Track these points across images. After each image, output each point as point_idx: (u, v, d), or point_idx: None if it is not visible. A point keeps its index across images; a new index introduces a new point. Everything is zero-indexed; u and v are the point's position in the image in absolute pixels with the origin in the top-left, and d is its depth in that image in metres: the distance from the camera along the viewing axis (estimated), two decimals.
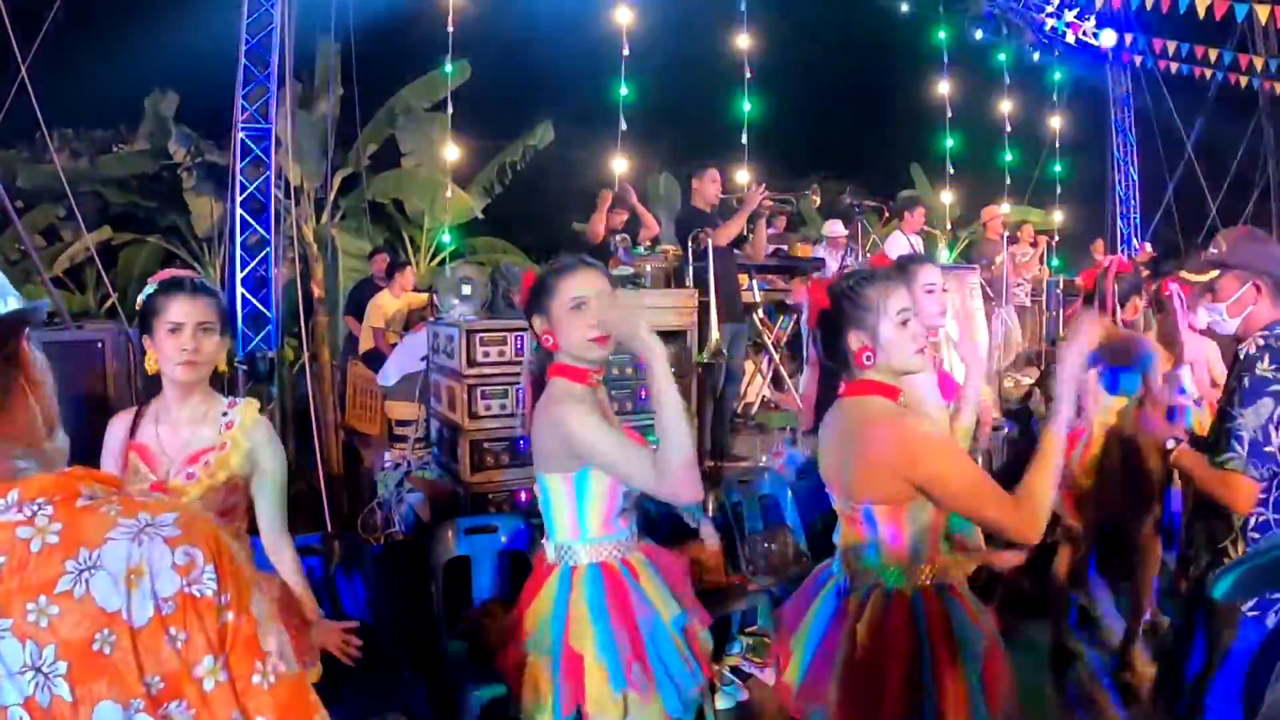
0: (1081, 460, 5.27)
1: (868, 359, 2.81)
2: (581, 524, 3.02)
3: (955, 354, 5.40)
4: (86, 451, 3.06)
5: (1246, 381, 3.24)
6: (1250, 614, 2.99)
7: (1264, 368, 3.21)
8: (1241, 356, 3.34)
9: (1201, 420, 5.23)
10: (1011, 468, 7.86)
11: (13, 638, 1.32)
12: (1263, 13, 12.09)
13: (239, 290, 8.47)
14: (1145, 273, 6.44)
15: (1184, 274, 3.65)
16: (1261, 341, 3.28)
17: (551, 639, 2.97)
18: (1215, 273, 3.49)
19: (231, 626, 1.40)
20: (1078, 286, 6.45)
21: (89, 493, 1.42)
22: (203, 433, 3.09)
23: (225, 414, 3.12)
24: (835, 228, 11.90)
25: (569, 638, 2.94)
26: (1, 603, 1.32)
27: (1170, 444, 3.57)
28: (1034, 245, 13.15)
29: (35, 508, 1.37)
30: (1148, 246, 14.93)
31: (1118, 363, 5.15)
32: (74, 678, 1.31)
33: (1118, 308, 5.41)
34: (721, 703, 5.25)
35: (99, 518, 1.38)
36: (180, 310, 3.01)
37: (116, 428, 3.15)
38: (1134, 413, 5.03)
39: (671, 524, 3.72)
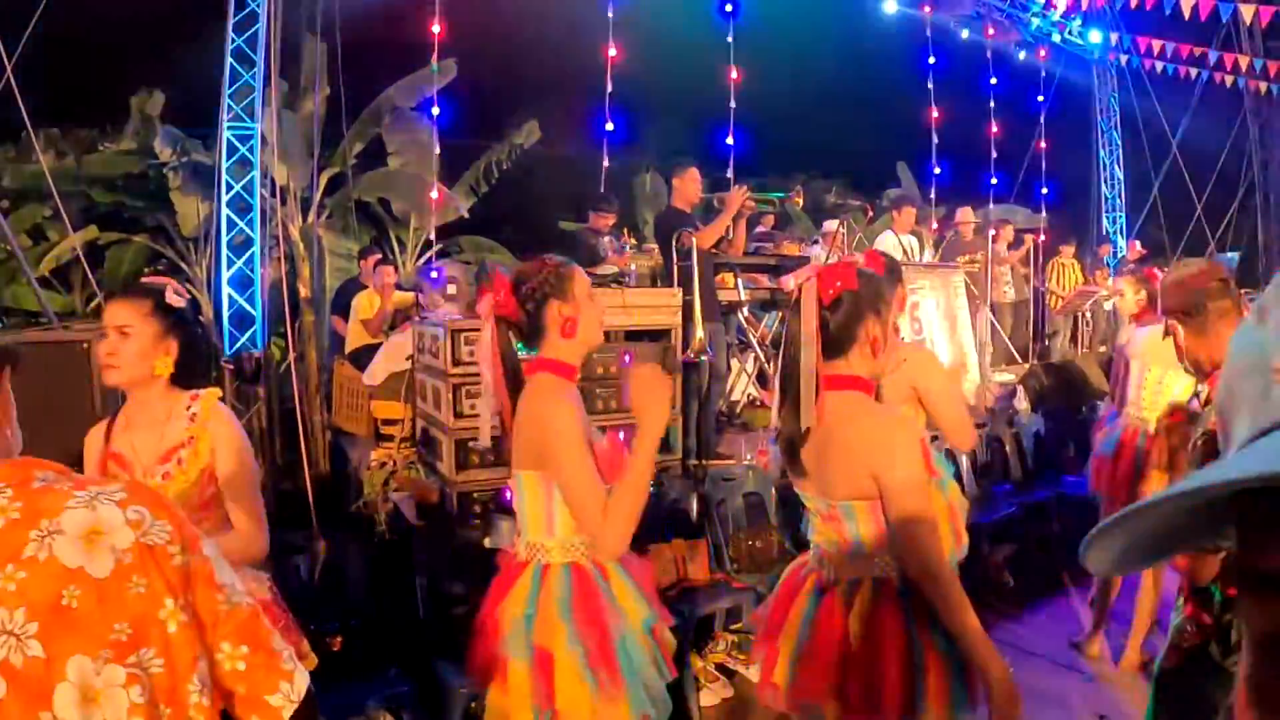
0: None
1: (878, 349, 2.82)
2: (555, 523, 3.02)
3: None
4: (70, 448, 3.07)
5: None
6: None
7: None
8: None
9: None
10: (999, 465, 7.90)
11: None
12: (1247, 12, 12.13)
13: (225, 290, 8.47)
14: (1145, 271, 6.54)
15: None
16: None
17: (524, 639, 2.97)
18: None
19: (190, 567, 1.54)
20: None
21: (42, 476, 1.53)
22: (171, 431, 3.09)
23: (189, 407, 3.12)
24: (831, 225, 11.98)
25: (536, 636, 2.94)
26: None
27: None
28: (1012, 246, 13.20)
29: None
30: (1138, 244, 14.97)
31: None
32: (44, 635, 1.40)
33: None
34: (706, 700, 5.27)
35: (55, 494, 1.50)
36: (105, 316, 3.08)
37: (93, 439, 3.18)
38: None
39: (659, 522, 3.74)
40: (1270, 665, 0.64)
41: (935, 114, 14.63)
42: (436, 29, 9.91)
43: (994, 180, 15.78)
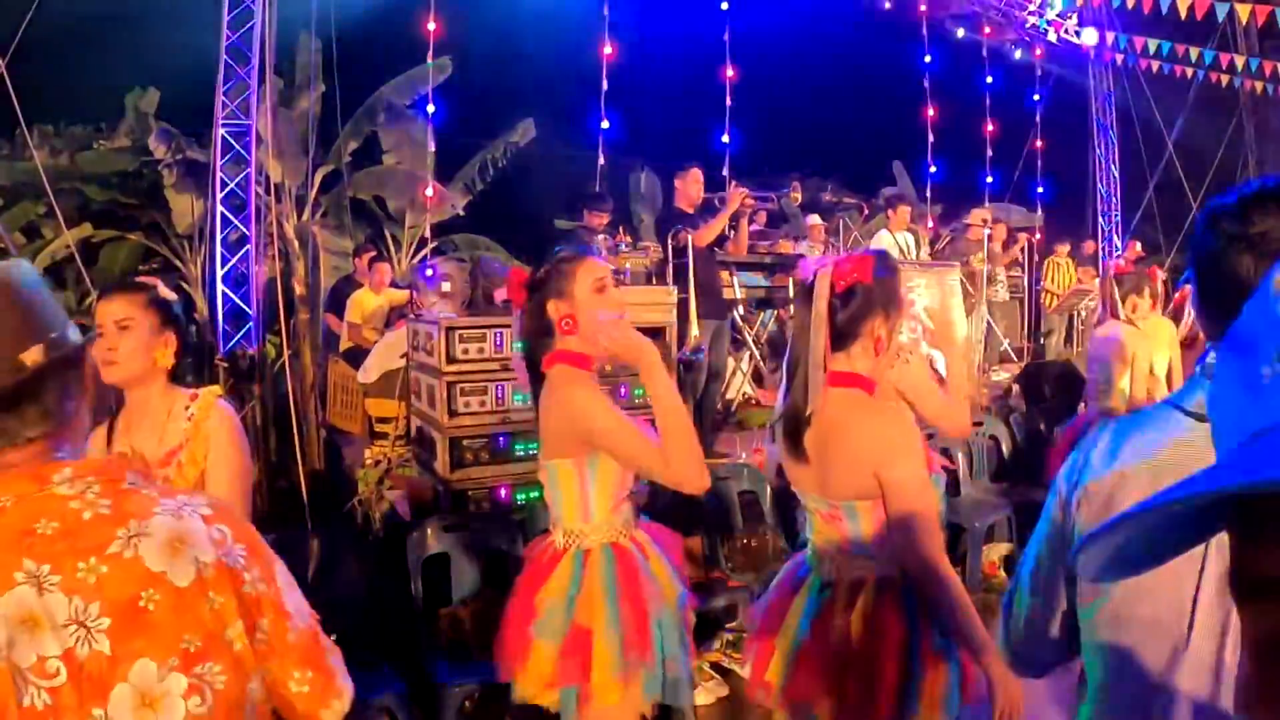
0: None
1: (881, 348, 2.80)
2: (591, 508, 3.03)
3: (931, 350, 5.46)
4: None
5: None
6: None
7: None
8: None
9: None
10: (994, 464, 7.90)
11: (60, 593, 1.44)
12: (1243, 11, 12.15)
13: (220, 288, 8.45)
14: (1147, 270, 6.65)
15: None
16: None
17: (563, 619, 2.96)
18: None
19: (260, 594, 1.60)
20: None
21: (131, 478, 1.60)
22: (171, 432, 3.05)
23: (188, 407, 3.08)
24: (812, 219, 11.99)
25: (577, 615, 2.94)
26: (52, 562, 1.45)
27: None
28: (1006, 246, 13.23)
29: (85, 485, 1.53)
30: (1137, 245, 14.99)
31: None
32: (115, 634, 1.44)
33: (1119, 306, 5.98)
34: (701, 699, 5.26)
35: (143, 497, 1.56)
36: (100, 313, 3.03)
37: (95, 443, 3.06)
38: None
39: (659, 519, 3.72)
40: (1267, 668, 0.64)
41: (931, 113, 14.64)
42: (432, 26, 9.91)
43: (989, 179, 15.80)
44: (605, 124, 11.26)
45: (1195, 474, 0.61)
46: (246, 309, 8.45)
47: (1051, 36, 16.24)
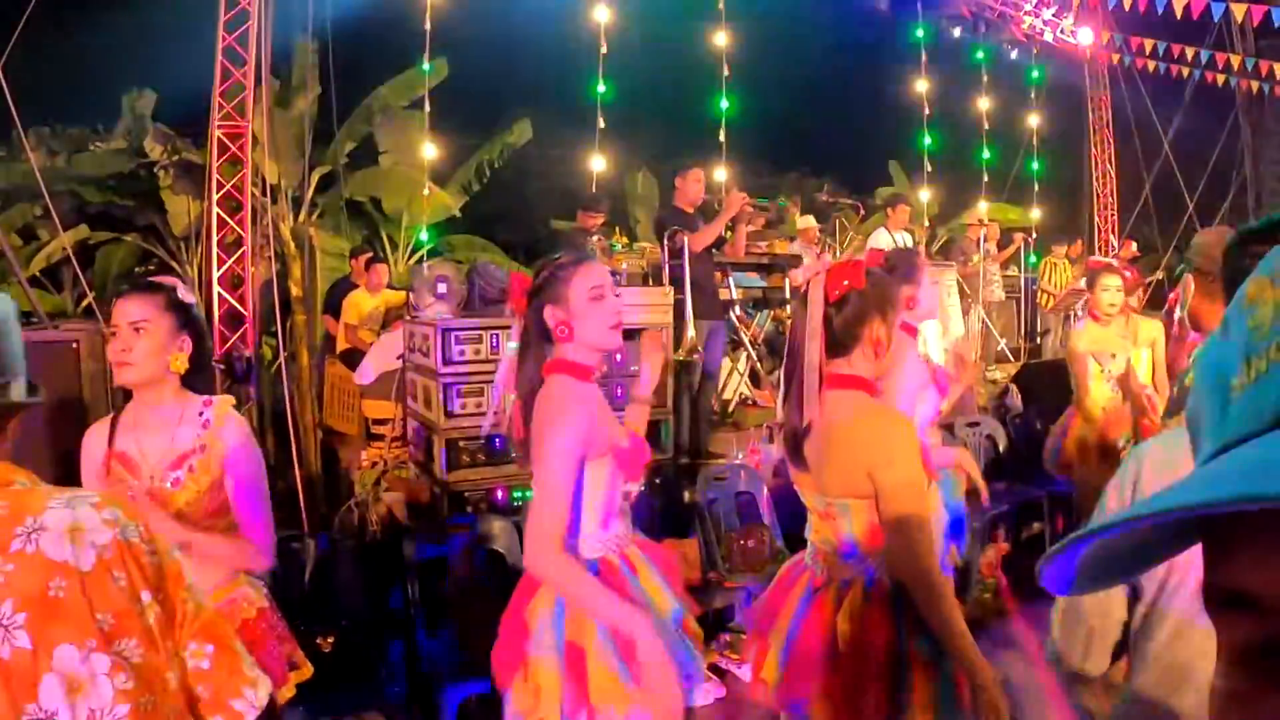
0: None
1: (881, 350, 2.80)
2: (580, 520, 2.94)
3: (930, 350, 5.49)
4: (62, 450, 3.03)
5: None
6: None
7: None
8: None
9: None
10: (991, 463, 7.90)
11: None
12: (1239, 11, 12.15)
13: (216, 289, 8.44)
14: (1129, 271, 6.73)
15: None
16: None
17: (554, 635, 2.91)
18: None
19: (162, 565, 1.62)
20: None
21: (20, 481, 1.62)
22: (183, 435, 3.00)
23: (202, 413, 3.03)
24: (806, 221, 12.00)
25: (568, 632, 2.88)
26: None
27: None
28: (1001, 246, 13.28)
29: None
30: (1133, 245, 15.00)
31: None
32: (32, 626, 1.46)
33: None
34: (698, 699, 5.26)
35: (35, 495, 1.58)
36: (115, 313, 2.97)
37: (94, 438, 3.07)
38: None
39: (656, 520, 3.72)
40: (1240, 676, 0.65)
41: (927, 112, 14.63)
42: (428, 27, 9.89)
43: (985, 179, 15.80)
44: (602, 124, 11.25)
45: (1163, 490, 0.61)
46: (242, 310, 8.43)
47: (1048, 36, 16.24)
